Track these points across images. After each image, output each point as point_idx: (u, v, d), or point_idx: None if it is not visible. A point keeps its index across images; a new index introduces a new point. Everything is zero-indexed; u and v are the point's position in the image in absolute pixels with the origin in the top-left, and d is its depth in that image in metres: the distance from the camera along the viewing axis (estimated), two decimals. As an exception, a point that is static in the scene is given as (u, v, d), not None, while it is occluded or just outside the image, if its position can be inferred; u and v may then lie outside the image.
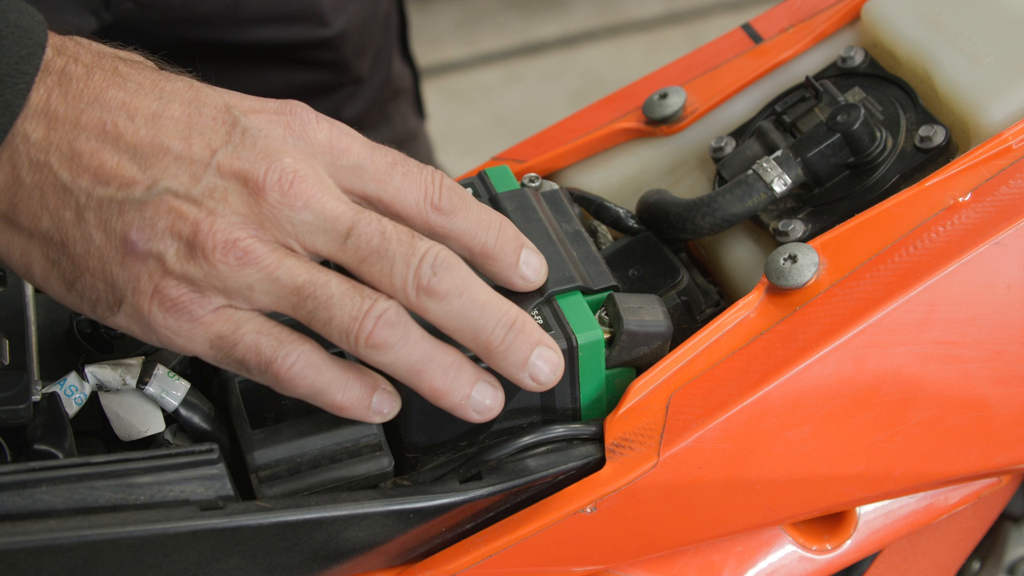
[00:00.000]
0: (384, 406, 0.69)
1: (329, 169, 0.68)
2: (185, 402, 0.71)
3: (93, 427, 0.72)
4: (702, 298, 0.79)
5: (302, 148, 0.68)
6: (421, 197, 0.69)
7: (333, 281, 0.66)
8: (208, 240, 0.65)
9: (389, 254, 0.66)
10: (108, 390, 0.72)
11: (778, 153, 0.78)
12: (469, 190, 0.79)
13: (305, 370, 0.66)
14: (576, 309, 0.72)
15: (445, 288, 0.66)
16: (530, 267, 0.71)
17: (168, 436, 0.72)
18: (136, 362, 0.72)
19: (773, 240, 0.78)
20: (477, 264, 0.70)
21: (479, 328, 0.67)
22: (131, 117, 0.66)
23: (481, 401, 0.68)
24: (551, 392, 0.71)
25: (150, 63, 0.70)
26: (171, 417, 0.72)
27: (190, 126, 0.67)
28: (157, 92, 0.67)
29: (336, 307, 0.65)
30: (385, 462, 0.69)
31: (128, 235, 0.65)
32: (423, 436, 0.71)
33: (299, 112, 0.69)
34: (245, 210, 0.65)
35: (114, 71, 0.67)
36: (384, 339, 0.66)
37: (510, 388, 0.70)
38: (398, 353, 0.66)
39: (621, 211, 0.83)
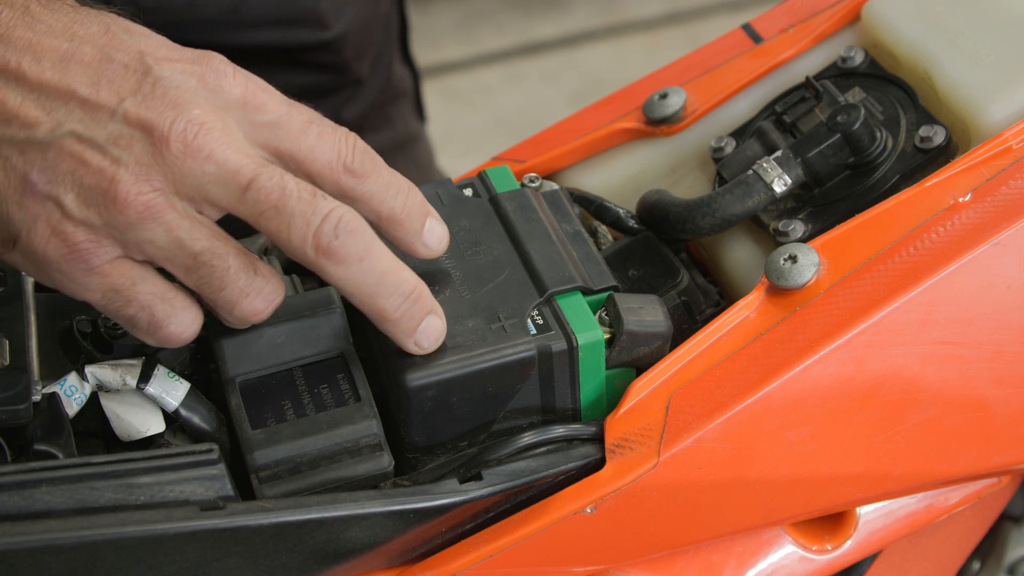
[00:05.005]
0: None
1: (242, 124, 0.68)
2: (185, 402, 0.71)
3: (93, 427, 0.72)
4: (702, 298, 0.79)
5: (214, 101, 0.67)
6: (334, 157, 0.69)
7: (232, 254, 0.66)
8: (111, 190, 0.64)
9: (288, 210, 0.66)
10: (108, 390, 0.71)
11: (778, 153, 0.78)
12: (469, 190, 0.79)
13: (193, 336, 0.68)
14: (576, 309, 0.72)
15: (346, 252, 0.66)
16: (434, 235, 0.72)
17: (168, 436, 0.72)
18: (136, 362, 0.72)
19: (773, 240, 0.78)
20: (382, 228, 0.70)
21: (376, 295, 0.68)
22: (37, 59, 0.65)
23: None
24: (551, 392, 0.71)
25: (70, 2, 0.69)
26: (171, 417, 0.72)
27: (100, 71, 0.66)
28: (69, 35, 0.66)
29: (231, 280, 0.66)
30: (385, 462, 0.69)
31: (28, 175, 0.64)
32: (423, 436, 0.71)
33: (215, 65, 0.68)
34: (148, 160, 0.65)
35: (25, 10, 0.67)
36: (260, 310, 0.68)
37: (510, 389, 0.70)
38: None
39: (621, 211, 0.83)
